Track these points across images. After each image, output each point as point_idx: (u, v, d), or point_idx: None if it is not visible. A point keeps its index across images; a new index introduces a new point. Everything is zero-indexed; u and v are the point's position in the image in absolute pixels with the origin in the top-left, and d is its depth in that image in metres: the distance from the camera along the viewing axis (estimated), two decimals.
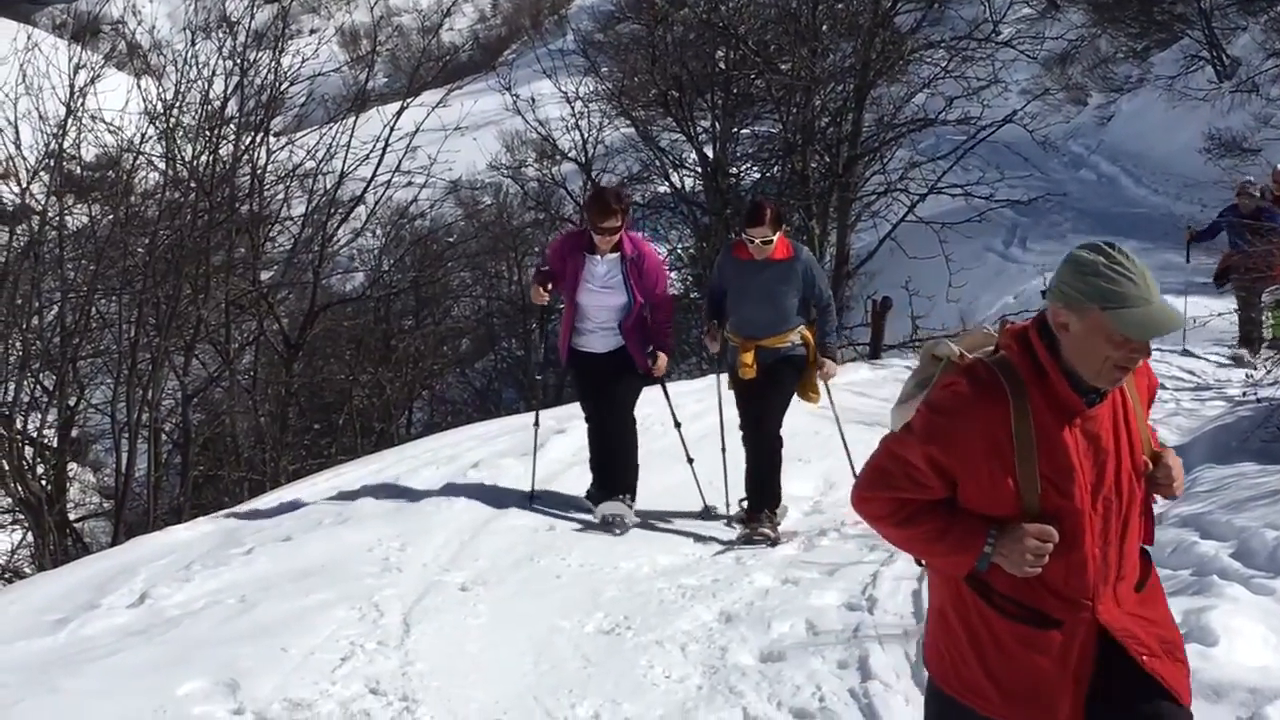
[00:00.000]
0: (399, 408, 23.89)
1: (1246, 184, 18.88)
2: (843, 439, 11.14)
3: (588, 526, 10.36)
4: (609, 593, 8.42)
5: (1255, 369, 17.47)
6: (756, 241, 10.06)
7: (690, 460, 10.83)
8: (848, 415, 14.41)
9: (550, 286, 10.47)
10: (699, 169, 26.87)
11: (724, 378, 11.06)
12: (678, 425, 11.11)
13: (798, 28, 24.26)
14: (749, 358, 10.26)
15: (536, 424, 11.53)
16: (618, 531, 10.28)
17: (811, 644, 7.98)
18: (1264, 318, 19.35)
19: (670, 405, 11.09)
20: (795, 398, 10.63)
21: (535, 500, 10.92)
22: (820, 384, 10.66)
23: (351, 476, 12.50)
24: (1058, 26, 35.11)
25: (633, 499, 10.60)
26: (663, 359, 10.65)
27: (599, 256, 10.44)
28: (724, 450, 10.99)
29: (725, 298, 10.57)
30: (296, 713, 6.93)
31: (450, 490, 10.88)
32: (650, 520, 10.63)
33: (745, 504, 10.58)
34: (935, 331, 21.72)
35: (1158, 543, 8.61)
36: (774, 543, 10.05)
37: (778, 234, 10.14)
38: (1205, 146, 28.32)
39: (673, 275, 28.92)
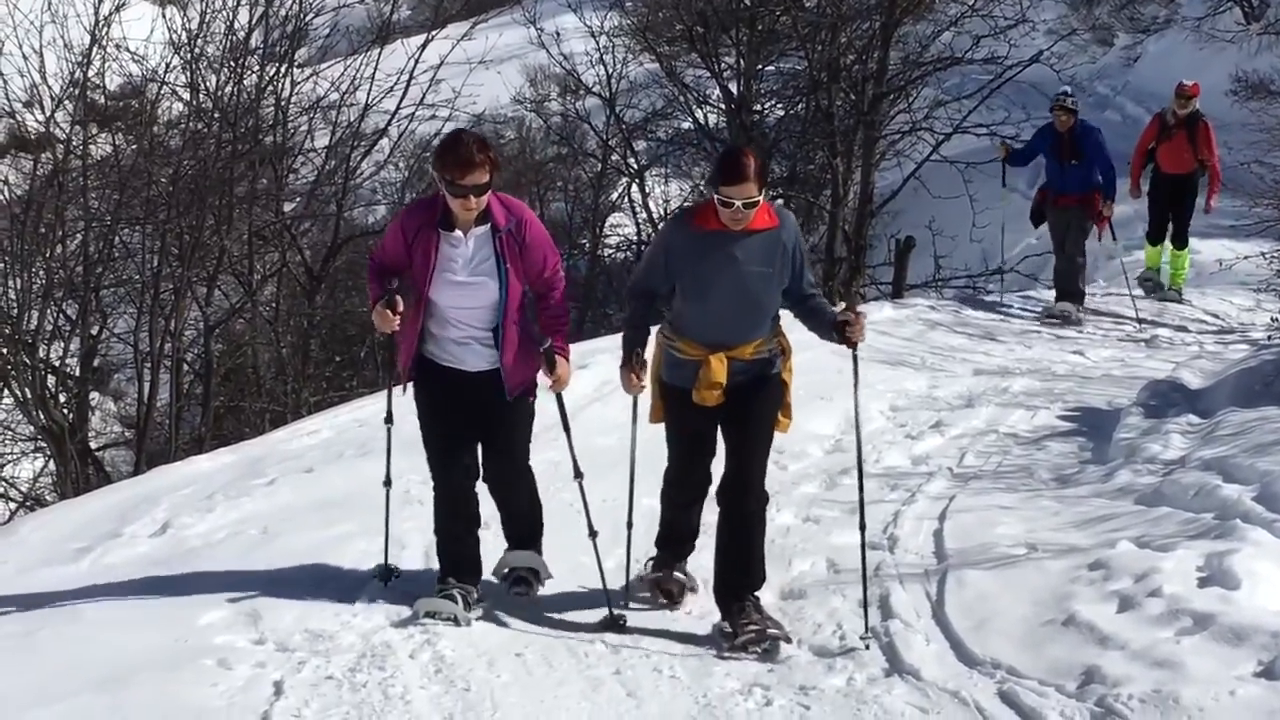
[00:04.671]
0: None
1: (1061, 97, 16.65)
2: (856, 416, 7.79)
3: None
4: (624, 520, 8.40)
5: (1080, 324, 16.59)
6: (737, 204, 6.96)
7: (593, 534, 7.65)
8: (871, 355, 14.45)
9: (401, 308, 7.26)
10: (723, 105, 26.75)
11: (642, 405, 7.68)
12: (578, 476, 7.70)
13: None
14: (719, 373, 7.22)
15: (389, 420, 7.89)
16: (522, 591, 7.76)
17: (832, 582, 8.00)
18: (1156, 266, 18.02)
19: (570, 442, 7.71)
20: None
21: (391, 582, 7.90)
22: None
23: (374, 409, 12.44)
24: None
25: (539, 548, 7.83)
26: (563, 365, 7.42)
27: (459, 233, 7.27)
28: (630, 525, 7.82)
29: (654, 300, 7.58)
30: (317, 644, 6.94)
31: None
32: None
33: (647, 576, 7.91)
34: (958, 271, 21.71)
35: (1179, 487, 8.67)
36: (786, 639, 7.21)
37: (762, 195, 7.05)
38: (1232, 88, 28.08)
39: None
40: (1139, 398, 11.89)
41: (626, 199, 29.26)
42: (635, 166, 28.05)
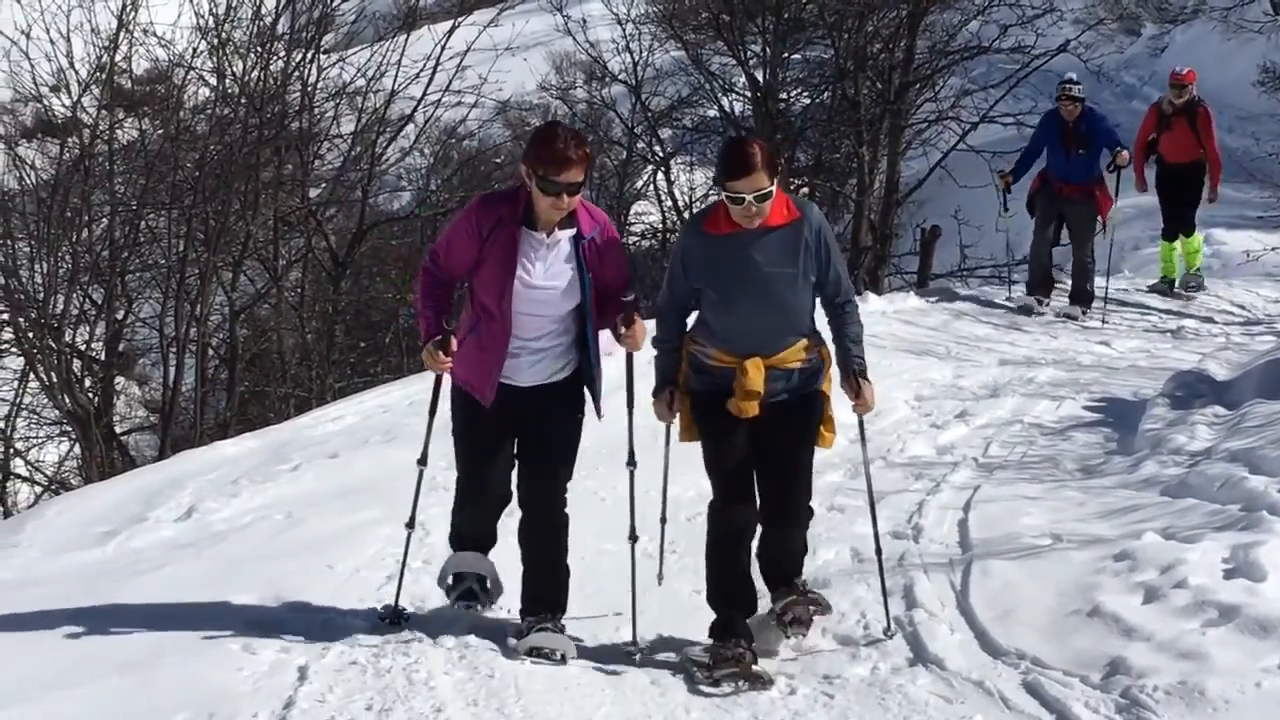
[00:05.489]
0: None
1: (1067, 86, 15.86)
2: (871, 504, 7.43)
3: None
4: (656, 516, 8.42)
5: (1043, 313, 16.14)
6: (748, 198, 6.40)
7: (634, 539, 7.07)
8: (896, 344, 14.41)
9: (455, 348, 6.69)
10: (749, 94, 26.78)
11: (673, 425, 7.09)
12: (632, 464, 7.03)
13: None
14: (757, 380, 6.62)
15: (423, 461, 7.19)
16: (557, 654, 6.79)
17: (856, 571, 7.97)
18: (1174, 247, 17.27)
19: (631, 421, 6.97)
20: None
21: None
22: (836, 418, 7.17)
23: (398, 395, 12.62)
24: None
25: (563, 615, 7.01)
26: (639, 323, 6.69)
27: (543, 235, 6.67)
28: (664, 520, 7.53)
29: (685, 316, 6.93)
30: (342, 629, 6.94)
31: None
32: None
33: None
34: (984, 261, 21.65)
35: (1205, 478, 8.62)
36: (827, 609, 7.18)
37: (775, 184, 6.51)
38: (1259, 79, 28.08)
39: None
40: (1165, 389, 11.83)
41: (651, 187, 29.31)
42: (660, 154, 28.08)
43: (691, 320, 6.96)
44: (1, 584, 8.23)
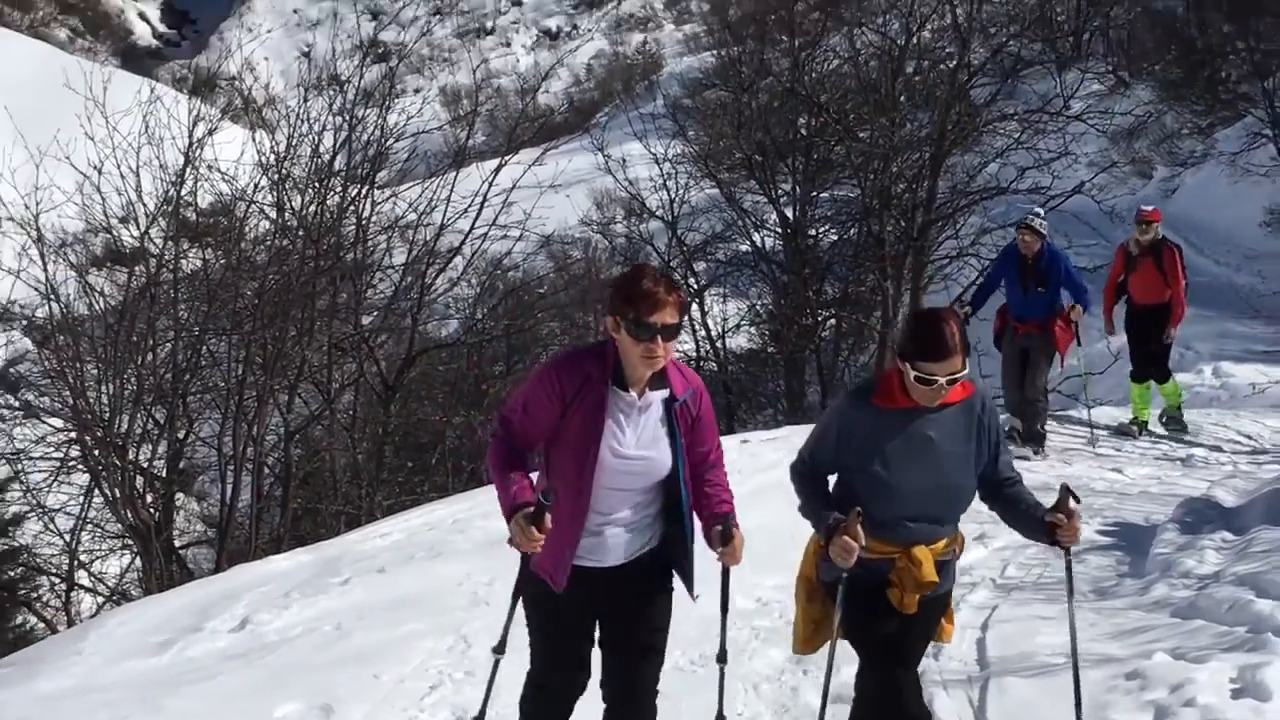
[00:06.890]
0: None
1: (1031, 218, 14.98)
2: None
3: None
4: (685, 631, 7.73)
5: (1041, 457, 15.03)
6: (941, 381, 5.72)
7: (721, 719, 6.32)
8: None
9: (550, 525, 5.61)
10: (779, 229, 27.33)
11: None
12: (722, 660, 6.21)
13: (877, 98, 24.82)
14: (930, 570, 5.96)
15: (500, 650, 6.19)
16: None
17: None
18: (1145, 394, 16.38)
19: (724, 623, 6.18)
20: None
21: None
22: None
23: (444, 513, 12.80)
24: (1126, 102, 35.35)
25: None
26: (739, 537, 5.83)
27: (634, 397, 5.73)
28: None
29: (825, 480, 6.19)
30: None
31: None
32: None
33: None
34: (1000, 390, 22.00)
35: (1214, 601, 8.89)
36: None
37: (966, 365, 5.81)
38: (1266, 220, 28.66)
39: (751, 330, 29.33)
40: (1175, 514, 11.85)
41: (686, 317, 29.72)
42: (695, 286, 28.53)
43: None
44: (65, 690, 8.50)
